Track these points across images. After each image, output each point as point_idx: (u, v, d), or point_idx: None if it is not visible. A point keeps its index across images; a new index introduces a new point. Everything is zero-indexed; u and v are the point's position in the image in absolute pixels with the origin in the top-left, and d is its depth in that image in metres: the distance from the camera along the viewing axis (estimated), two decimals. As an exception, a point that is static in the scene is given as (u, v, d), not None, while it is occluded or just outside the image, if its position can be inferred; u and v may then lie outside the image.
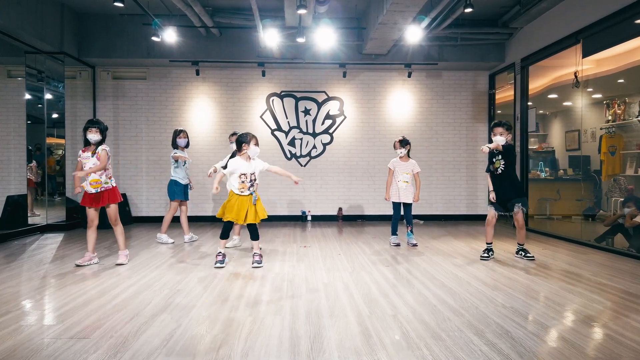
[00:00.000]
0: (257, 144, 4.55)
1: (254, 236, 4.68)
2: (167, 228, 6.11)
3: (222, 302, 3.35)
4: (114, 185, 4.75)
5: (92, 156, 4.60)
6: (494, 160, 4.86)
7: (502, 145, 4.80)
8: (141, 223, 8.31)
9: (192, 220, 7.80)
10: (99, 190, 4.59)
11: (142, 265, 4.63)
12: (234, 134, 5.72)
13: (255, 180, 4.54)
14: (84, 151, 4.64)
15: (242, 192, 4.48)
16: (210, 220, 8.41)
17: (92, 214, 4.64)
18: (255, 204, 4.54)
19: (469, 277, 4.14)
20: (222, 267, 4.54)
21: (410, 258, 5.05)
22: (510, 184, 4.85)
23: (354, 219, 8.72)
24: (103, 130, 4.69)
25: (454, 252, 5.40)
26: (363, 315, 3.05)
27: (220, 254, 4.63)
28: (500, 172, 4.85)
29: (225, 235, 4.65)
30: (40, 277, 4.14)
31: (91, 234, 4.68)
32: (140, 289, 3.72)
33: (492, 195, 4.93)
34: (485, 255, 4.95)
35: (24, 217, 7.20)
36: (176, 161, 6.00)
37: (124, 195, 8.28)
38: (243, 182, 4.48)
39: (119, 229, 4.77)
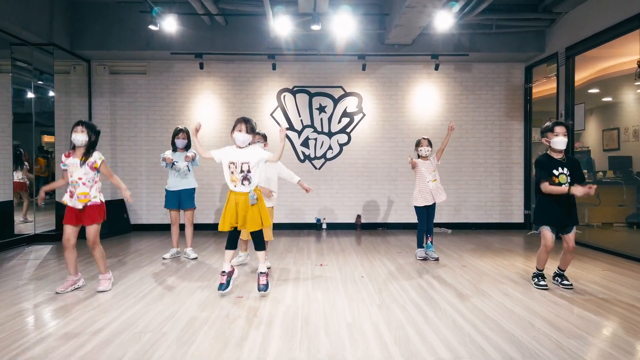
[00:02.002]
0: (247, 131, 3.73)
1: (259, 245, 3.86)
2: (174, 241, 5.42)
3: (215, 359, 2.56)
4: (103, 200, 3.96)
5: (82, 165, 3.81)
6: (556, 173, 3.89)
7: (569, 157, 3.95)
8: (141, 232, 7.58)
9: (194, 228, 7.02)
10: (86, 205, 3.82)
11: (128, 292, 3.87)
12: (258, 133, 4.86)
13: (249, 172, 3.71)
14: (67, 156, 3.86)
15: (235, 186, 3.72)
16: (215, 229, 7.62)
17: (69, 232, 3.83)
18: (254, 204, 3.71)
19: (529, 314, 3.29)
20: (226, 292, 3.75)
21: (448, 282, 4.22)
22: (570, 207, 3.91)
23: (374, 227, 7.89)
24: (92, 133, 3.88)
25: (499, 274, 4.55)
26: (406, 384, 2.24)
27: (225, 273, 3.78)
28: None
29: (231, 244, 3.83)
30: (4, 308, 3.39)
31: (69, 254, 3.88)
32: (116, 330, 2.95)
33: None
34: (544, 283, 4.01)
35: (10, 227, 6.50)
36: (169, 165, 5.26)
37: (121, 202, 7.56)
38: (232, 172, 3.71)
39: (98, 252, 3.95)
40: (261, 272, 3.83)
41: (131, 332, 2.93)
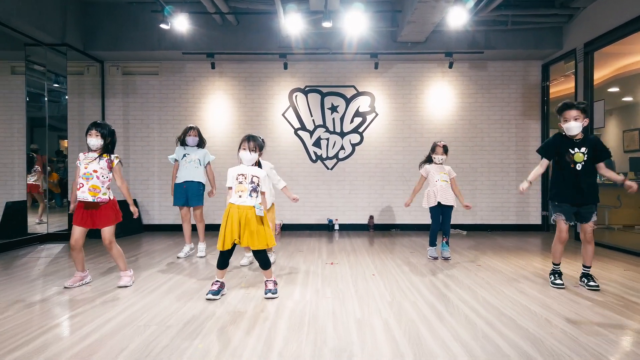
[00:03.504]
0: (252, 149, 3.49)
1: (264, 264, 3.57)
2: (187, 237, 5.39)
3: (218, 356, 2.49)
4: (112, 197, 3.86)
5: (100, 159, 3.78)
6: (572, 151, 3.77)
7: (586, 137, 3.81)
8: (153, 232, 7.58)
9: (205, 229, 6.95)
10: (95, 200, 3.73)
11: (135, 289, 3.83)
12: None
13: (258, 185, 3.51)
14: (84, 153, 3.85)
15: (240, 197, 3.43)
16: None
17: (78, 233, 3.76)
18: (261, 216, 3.44)
19: (546, 311, 3.15)
20: (216, 299, 3.47)
21: (461, 280, 4.09)
22: (591, 185, 3.78)
23: (387, 229, 7.77)
24: (106, 135, 3.83)
25: (515, 274, 4.40)
26: (415, 379, 2.13)
27: (217, 282, 3.58)
28: (580, 167, 3.75)
29: (224, 264, 3.54)
30: (12, 302, 3.37)
31: (77, 254, 3.86)
32: (122, 322, 2.90)
33: (524, 185, 4.03)
34: (560, 282, 3.88)
35: (23, 226, 6.54)
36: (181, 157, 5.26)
37: (134, 202, 7.55)
38: (241, 182, 3.45)
39: (115, 251, 3.89)
40: (268, 280, 3.62)
41: (137, 324, 2.88)
